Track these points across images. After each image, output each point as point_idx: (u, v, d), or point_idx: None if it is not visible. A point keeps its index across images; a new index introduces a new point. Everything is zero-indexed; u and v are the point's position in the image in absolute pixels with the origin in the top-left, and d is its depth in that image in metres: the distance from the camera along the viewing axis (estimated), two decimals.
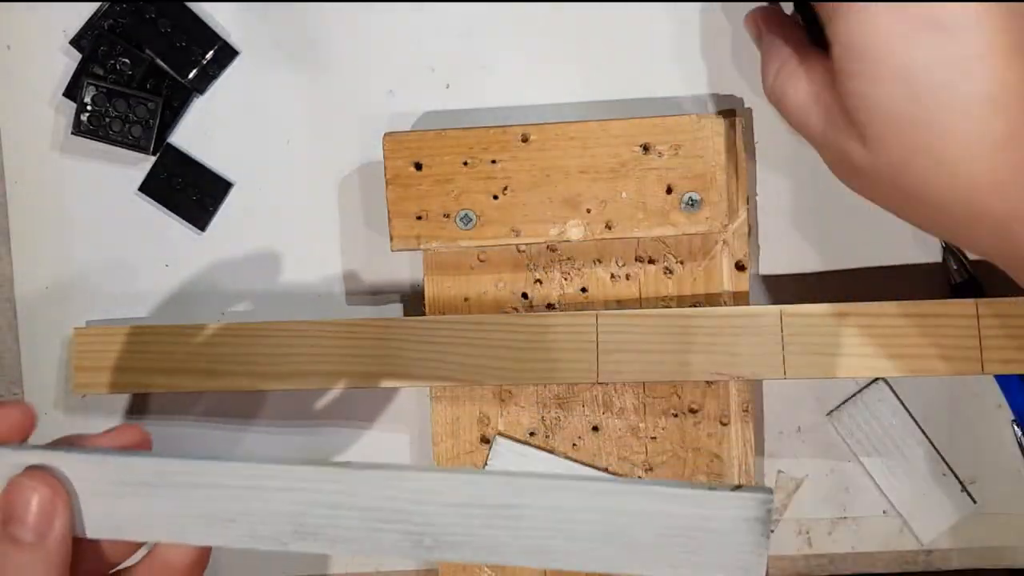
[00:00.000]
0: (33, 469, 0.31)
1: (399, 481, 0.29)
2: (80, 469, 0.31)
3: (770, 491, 0.28)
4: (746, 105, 0.48)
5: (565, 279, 0.46)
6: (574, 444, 0.46)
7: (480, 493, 0.29)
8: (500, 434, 0.47)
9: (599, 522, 0.29)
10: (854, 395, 0.48)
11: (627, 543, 0.29)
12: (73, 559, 0.31)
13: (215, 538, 0.31)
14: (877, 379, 0.48)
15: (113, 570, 0.33)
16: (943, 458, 0.48)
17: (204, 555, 0.32)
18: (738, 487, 0.28)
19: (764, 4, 0.42)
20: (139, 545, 0.34)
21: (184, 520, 0.31)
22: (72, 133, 0.47)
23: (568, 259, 0.46)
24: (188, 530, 0.31)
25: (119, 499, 0.31)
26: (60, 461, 0.31)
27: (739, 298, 0.46)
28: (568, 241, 0.45)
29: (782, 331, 0.43)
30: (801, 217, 0.48)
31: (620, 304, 0.46)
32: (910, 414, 0.48)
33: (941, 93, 0.31)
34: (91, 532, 0.31)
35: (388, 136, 0.45)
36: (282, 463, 0.30)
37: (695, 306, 0.46)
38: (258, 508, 0.30)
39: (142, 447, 0.33)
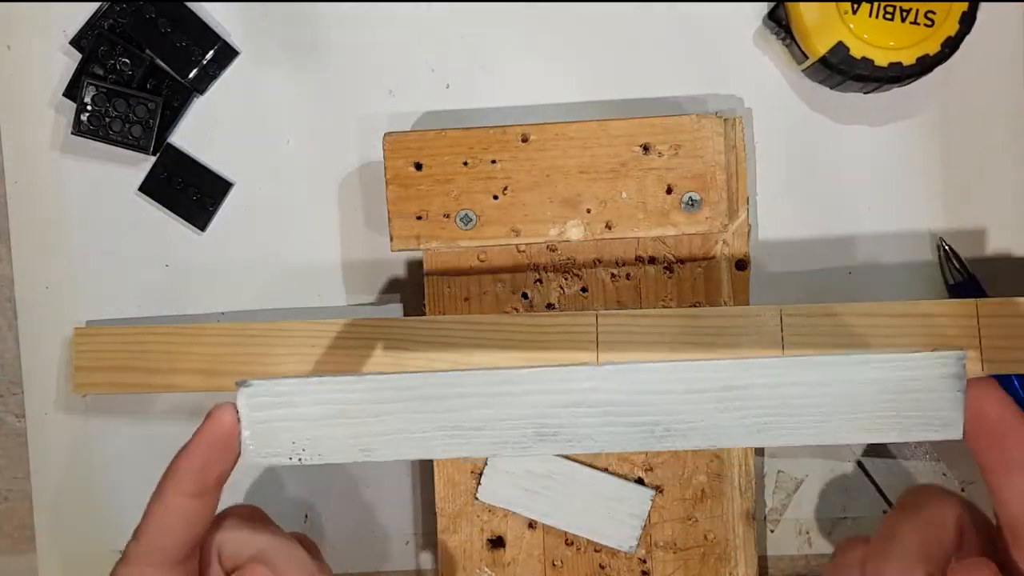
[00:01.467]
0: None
1: (636, 373, 0.31)
2: (328, 394, 0.31)
3: (963, 351, 0.31)
4: (746, 105, 0.48)
5: (565, 279, 0.46)
6: None
7: (707, 377, 0.31)
8: None
9: (816, 395, 0.31)
10: None
11: (842, 413, 0.31)
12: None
13: (461, 448, 0.32)
14: None
15: None
16: (943, 459, 0.48)
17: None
18: (935, 349, 0.31)
19: None
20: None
21: (431, 434, 0.31)
22: (72, 133, 0.47)
23: (568, 259, 0.46)
24: (435, 444, 0.31)
25: (367, 419, 0.31)
26: (309, 388, 0.31)
27: (739, 298, 0.46)
28: (568, 241, 0.45)
29: (782, 331, 0.43)
30: (801, 217, 0.48)
31: (620, 304, 0.46)
32: None
33: None
34: (341, 457, 0.32)
35: (388, 136, 0.45)
36: (525, 367, 0.31)
37: (695, 306, 0.46)
38: (503, 414, 0.31)
39: None
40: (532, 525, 0.46)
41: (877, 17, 0.43)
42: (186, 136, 0.49)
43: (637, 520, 0.45)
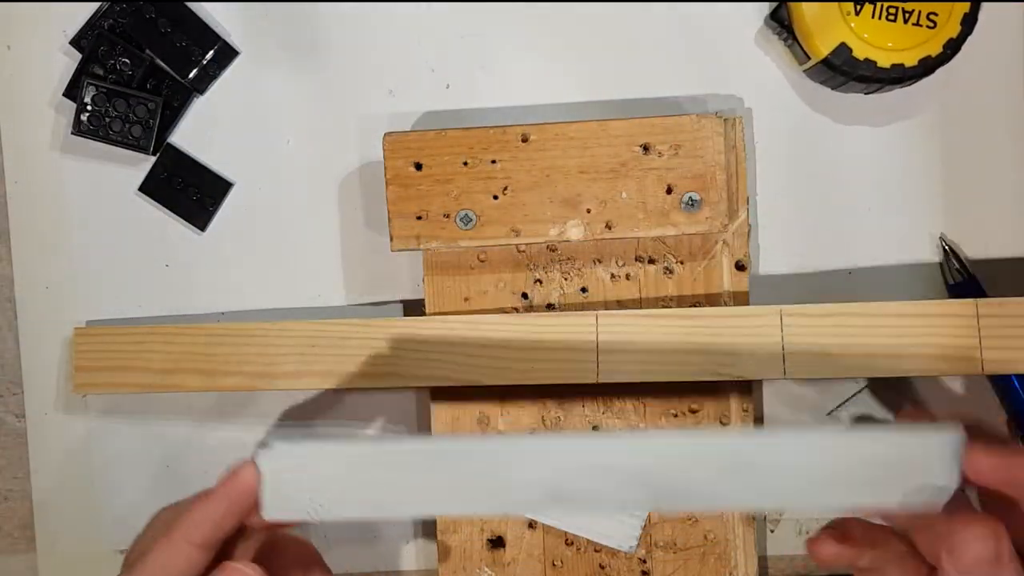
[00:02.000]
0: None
1: (644, 440, 0.33)
2: (344, 458, 0.33)
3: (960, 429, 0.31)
4: (746, 105, 0.48)
5: (565, 279, 0.46)
6: None
7: (713, 452, 0.32)
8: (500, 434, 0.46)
9: (812, 467, 0.32)
10: (854, 395, 0.48)
11: (837, 483, 0.32)
12: None
13: (473, 508, 0.33)
14: (877, 379, 0.48)
15: None
16: None
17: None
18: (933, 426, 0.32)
19: (829, 532, 0.34)
20: None
21: (443, 496, 0.33)
22: (72, 133, 0.47)
23: (568, 259, 0.46)
24: (446, 505, 0.34)
25: (382, 482, 0.33)
26: (327, 451, 0.33)
27: (739, 298, 0.46)
28: (568, 241, 0.45)
29: (782, 331, 0.43)
30: (801, 217, 0.48)
31: (620, 304, 0.46)
32: None
33: None
34: (356, 513, 0.33)
35: (388, 136, 0.45)
36: (539, 436, 0.34)
37: (695, 306, 0.46)
38: (518, 478, 0.33)
39: None
40: (532, 525, 0.46)
41: (880, 18, 0.43)
42: (186, 136, 0.49)
43: (637, 520, 0.45)
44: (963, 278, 0.46)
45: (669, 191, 0.44)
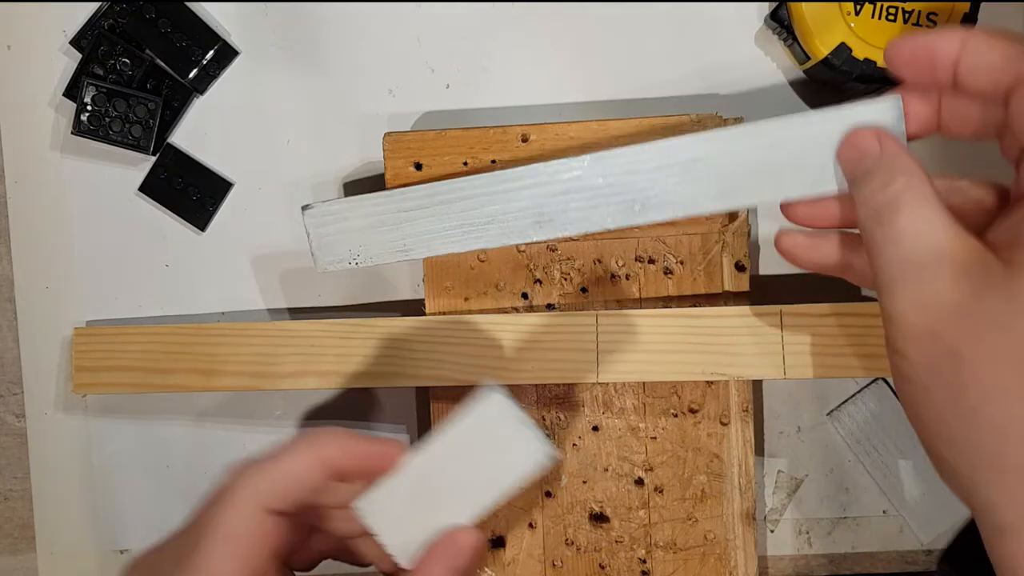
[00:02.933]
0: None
1: (612, 159, 0.36)
2: (370, 207, 0.39)
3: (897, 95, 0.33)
4: (747, 105, 0.48)
5: (565, 279, 0.46)
6: (574, 444, 0.46)
7: (672, 153, 0.35)
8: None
9: (769, 156, 0.34)
10: (854, 395, 0.48)
11: (793, 169, 0.34)
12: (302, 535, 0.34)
13: (477, 241, 0.39)
14: (877, 379, 0.48)
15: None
16: None
17: (484, 542, 0.34)
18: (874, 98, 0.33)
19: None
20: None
21: (452, 231, 0.39)
22: (72, 133, 0.47)
23: (568, 259, 0.46)
24: (456, 239, 0.39)
25: (402, 224, 0.39)
26: (355, 204, 0.40)
27: (739, 298, 0.46)
28: (568, 241, 0.45)
29: (782, 331, 0.43)
30: None
31: (620, 304, 0.46)
32: None
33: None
34: (387, 258, 0.40)
35: (388, 136, 0.45)
36: (526, 164, 0.38)
37: (695, 306, 0.46)
38: (506, 208, 0.38)
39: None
40: (532, 525, 0.46)
41: (879, 18, 0.43)
42: (186, 136, 0.49)
43: (531, 430, 0.32)
44: None
45: None
